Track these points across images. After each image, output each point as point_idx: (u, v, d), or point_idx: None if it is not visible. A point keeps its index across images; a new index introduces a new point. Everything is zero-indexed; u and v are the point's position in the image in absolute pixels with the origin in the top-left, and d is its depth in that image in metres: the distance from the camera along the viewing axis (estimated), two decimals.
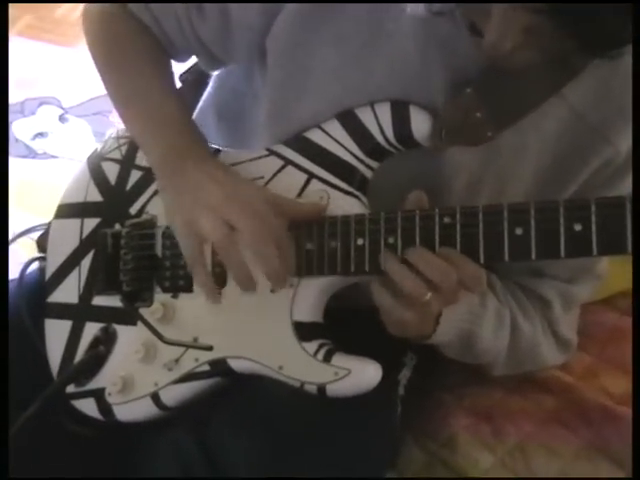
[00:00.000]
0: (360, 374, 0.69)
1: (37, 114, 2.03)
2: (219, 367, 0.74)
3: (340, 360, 0.70)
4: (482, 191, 0.75)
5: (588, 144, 0.74)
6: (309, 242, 0.70)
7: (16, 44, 2.09)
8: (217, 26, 0.77)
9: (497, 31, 0.59)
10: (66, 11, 2.35)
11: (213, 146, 0.80)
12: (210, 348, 0.73)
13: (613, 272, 0.91)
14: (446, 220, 0.64)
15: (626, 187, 0.75)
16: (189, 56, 0.89)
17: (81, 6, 0.93)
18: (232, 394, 0.75)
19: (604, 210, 0.59)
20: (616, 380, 0.93)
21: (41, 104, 2.06)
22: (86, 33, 0.88)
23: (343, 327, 0.75)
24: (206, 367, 0.74)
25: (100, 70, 0.85)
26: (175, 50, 0.84)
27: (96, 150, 0.88)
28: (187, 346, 0.74)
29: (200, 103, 0.94)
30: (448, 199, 0.74)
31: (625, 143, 0.74)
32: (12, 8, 2.14)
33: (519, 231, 0.62)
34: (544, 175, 0.76)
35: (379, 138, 0.72)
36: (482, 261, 0.64)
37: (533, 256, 0.62)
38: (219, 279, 0.74)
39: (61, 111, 2.04)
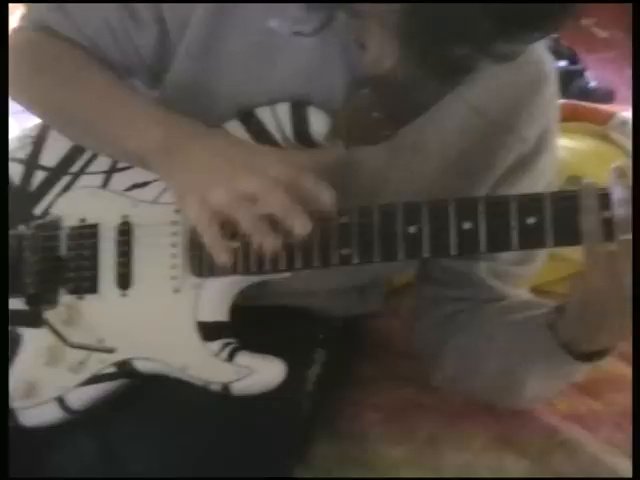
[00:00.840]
0: (263, 372, 0.71)
1: None
2: (125, 368, 0.74)
3: (243, 359, 0.71)
4: (388, 188, 0.77)
5: (493, 137, 0.77)
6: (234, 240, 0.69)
7: None
8: (156, 35, 0.77)
9: (376, 49, 0.63)
10: None
11: None
12: (112, 351, 0.73)
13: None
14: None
15: (539, 170, 0.80)
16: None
17: None
18: (136, 394, 0.75)
19: (559, 203, 0.62)
20: None
21: None
22: (15, 71, 0.80)
23: (253, 325, 0.76)
24: (112, 369, 0.74)
25: (41, 104, 0.82)
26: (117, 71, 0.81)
27: None
28: (88, 349, 0.73)
29: None
30: (355, 196, 0.74)
31: (530, 131, 0.78)
32: None
33: (467, 225, 0.65)
34: (452, 170, 0.78)
35: (277, 137, 0.73)
36: (427, 254, 0.66)
37: (483, 249, 0.65)
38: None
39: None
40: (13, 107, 0.82)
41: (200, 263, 0.72)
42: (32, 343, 0.78)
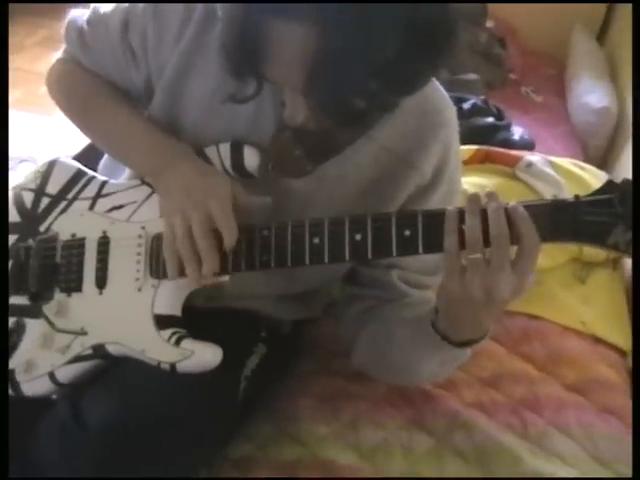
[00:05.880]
0: (202, 355, 0.89)
1: (17, 170, 2.41)
2: (99, 351, 0.93)
3: (187, 344, 0.89)
4: (313, 212, 0.92)
5: (398, 171, 0.93)
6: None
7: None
8: (145, 74, 0.97)
9: (290, 108, 0.79)
10: None
11: (102, 178, 1.02)
12: (84, 333, 0.93)
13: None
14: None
15: (436, 199, 0.94)
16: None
17: None
18: (109, 372, 0.94)
19: (429, 218, 0.77)
20: None
21: (21, 161, 2.46)
22: (54, 93, 1.09)
23: (206, 321, 0.94)
24: (90, 351, 0.94)
25: (74, 120, 1.06)
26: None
27: (20, 182, 1.09)
28: (69, 332, 0.94)
29: None
30: (287, 217, 0.88)
31: (427, 166, 0.93)
32: None
33: (358, 237, 0.81)
34: (364, 197, 0.94)
35: (219, 169, 0.91)
36: (327, 261, 0.82)
37: (369, 256, 0.80)
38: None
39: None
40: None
41: (157, 268, 0.91)
42: (32, 330, 0.98)
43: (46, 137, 2.58)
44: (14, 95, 2.83)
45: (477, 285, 0.74)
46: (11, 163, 2.42)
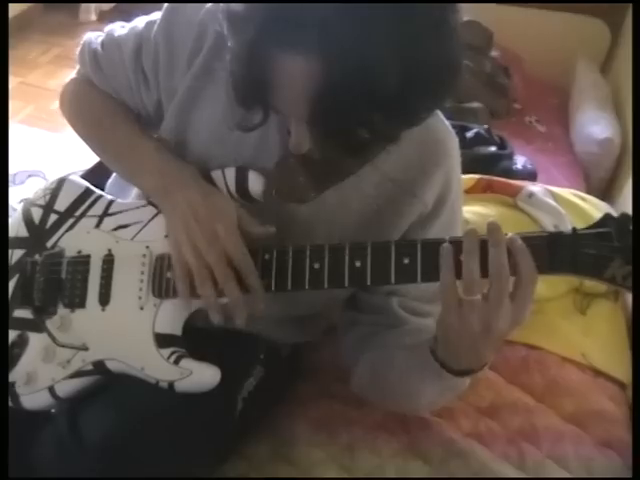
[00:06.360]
0: (200, 375, 0.90)
1: (25, 184, 2.45)
2: (99, 367, 0.94)
3: (186, 364, 0.91)
4: (315, 237, 0.93)
5: (401, 200, 0.94)
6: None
7: (17, 130, 2.66)
8: (156, 97, 1.00)
9: (295, 137, 0.80)
10: None
11: (109, 197, 1.03)
12: (86, 348, 0.94)
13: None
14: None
15: (437, 227, 0.95)
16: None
17: None
18: (108, 388, 0.95)
19: (427, 247, 0.79)
20: None
21: (30, 176, 2.50)
22: (66, 112, 1.11)
23: (207, 341, 0.94)
24: (90, 366, 0.95)
25: (85, 138, 1.08)
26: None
27: (28, 198, 1.11)
28: (71, 347, 0.95)
29: None
30: (290, 240, 0.90)
31: (429, 195, 0.94)
32: (17, 100, 2.81)
33: (358, 263, 0.82)
34: (366, 225, 0.95)
35: (224, 193, 0.92)
36: (326, 286, 0.83)
37: (368, 282, 0.81)
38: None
39: (45, 182, 2.41)
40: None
41: (160, 287, 0.93)
42: (35, 344, 0.99)
43: (55, 153, 2.62)
44: (26, 111, 2.88)
45: (475, 319, 0.75)
46: (20, 177, 2.48)
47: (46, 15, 3.59)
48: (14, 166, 2.44)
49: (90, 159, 1.16)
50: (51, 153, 2.61)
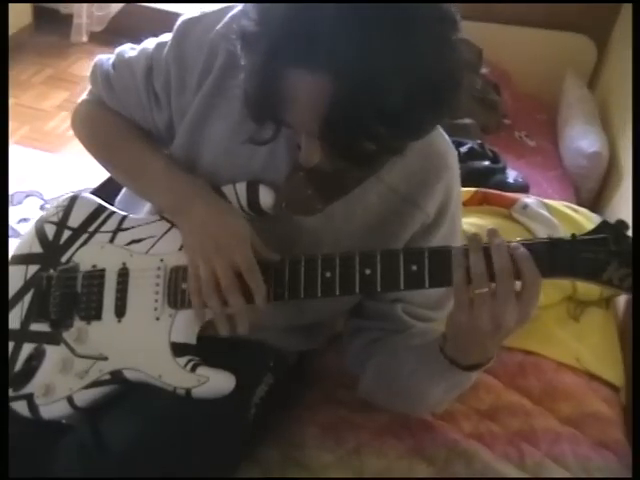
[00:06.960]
0: (216, 381, 0.94)
1: (23, 204, 2.49)
2: (117, 376, 0.98)
3: (202, 371, 0.95)
4: (322, 247, 0.97)
5: (404, 210, 0.99)
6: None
7: (12, 151, 2.67)
8: (167, 116, 1.04)
9: (306, 151, 0.84)
10: (56, 123, 2.97)
11: (122, 213, 1.07)
12: (104, 358, 0.98)
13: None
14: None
15: (439, 237, 1.00)
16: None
17: (68, 120, 1.18)
18: (126, 397, 0.98)
19: (434, 255, 0.84)
20: None
21: (27, 196, 2.53)
22: (78, 133, 1.14)
23: (220, 350, 0.98)
24: (107, 376, 0.98)
25: (97, 157, 1.11)
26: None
27: (42, 215, 1.15)
28: (89, 357, 0.98)
29: None
30: (299, 250, 0.95)
31: (431, 206, 0.99)
32: (12, 121, 2.80)
33: (368, 271, 0.86)
34: (371, 235, 0.99)
35: (236, 207, 0.97)
36: (338, 293, 0.87)
37: (378, 289, 0.86)
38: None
39: (42, 202, 2.51)
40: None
41: (175, 298, 0.97)
42: (52, 356, 1.02)
43: (51, 173, 2.66)
44: (20, 132, 2.91)
45: (485, 316, 0.80)
46: (18, 197, 2.52)
47: (38, 36, 3.61)
48: (11, 187, 2.47)
49: (87, 178, 1.19)
50: (47, 173, 2.65)
